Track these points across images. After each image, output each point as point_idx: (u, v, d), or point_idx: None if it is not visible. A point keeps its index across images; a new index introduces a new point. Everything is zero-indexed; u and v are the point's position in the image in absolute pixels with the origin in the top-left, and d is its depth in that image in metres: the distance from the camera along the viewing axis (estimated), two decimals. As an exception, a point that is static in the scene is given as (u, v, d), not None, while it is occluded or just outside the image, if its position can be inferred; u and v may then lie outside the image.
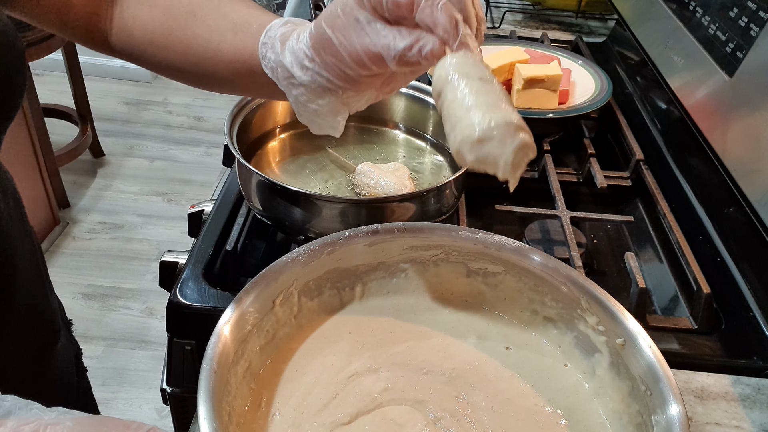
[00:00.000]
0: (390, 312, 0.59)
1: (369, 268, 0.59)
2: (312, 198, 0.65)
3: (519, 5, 1.49)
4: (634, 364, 0.49)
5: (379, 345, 0.56)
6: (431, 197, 0.68)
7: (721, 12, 0.80)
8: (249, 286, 0.51)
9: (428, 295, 0.60)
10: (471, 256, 0.58)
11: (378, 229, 0.57)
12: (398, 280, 0.60)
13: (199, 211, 0.85)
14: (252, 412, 0.49)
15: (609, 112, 1.03)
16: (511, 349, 0.57)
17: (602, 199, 0.90)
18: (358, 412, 0.50)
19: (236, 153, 0.69)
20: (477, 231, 0.58)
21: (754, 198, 0.68)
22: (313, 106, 0.49)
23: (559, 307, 0.56)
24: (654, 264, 0.82)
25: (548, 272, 0.55)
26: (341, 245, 0.56)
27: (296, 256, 0.54)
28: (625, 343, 0.50)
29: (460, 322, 0.59)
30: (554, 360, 0.56)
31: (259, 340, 0.52)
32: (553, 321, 0.57)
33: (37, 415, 0.37)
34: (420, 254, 0.59)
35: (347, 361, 0.54)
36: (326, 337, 0.56)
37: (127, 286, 2.06)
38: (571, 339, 0.56)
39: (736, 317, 0.70)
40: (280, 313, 0.54)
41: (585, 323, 0.54)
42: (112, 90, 3.06)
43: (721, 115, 0.77)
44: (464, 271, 0.59)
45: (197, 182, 2.55)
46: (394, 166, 0.77)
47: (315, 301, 0.57)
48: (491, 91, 0.43)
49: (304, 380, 0.52)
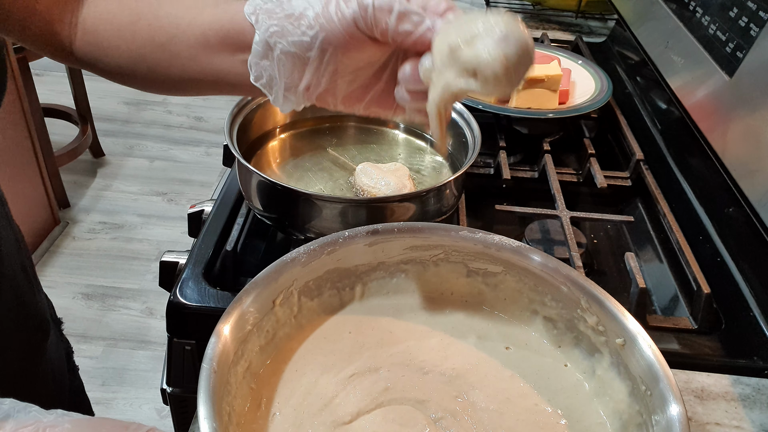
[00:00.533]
0: (390, 312, 0.59)
1: (369, 268, 0.58)
2: (312, 198, 0.65)
3: (519, 5, 1.49)
4: (634, 364, 0.49)
5: (379, 345, 0.56)
6: (431, 197, 0.68)
7: (721, 12, 0.80)
8: (249, 286, 0.51)
9: (428, 295, 0.60)
10: (471, 256, 0.58)
11: (378, 229, 0.57)
12: (398, 280, 0.60)
13: (199, 211, 0.85)
14: (252, 412, 0.49)
15: (609, 112, 1.03)
16: (511, 349, 0.57)
17: (602, 199, 0.90)
18: (359, 412, 0.50)
19: (236, 153, 0.69)
20: (477, 231, 0.58)
21: (754, 198, 0.68)
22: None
23: (559, 307, 0.56)
24: (654, 264, 0.82)
25: (548, 272, 0.55)
26: (341, 245, 0.56)
27: (296, 256, 0.54)
28: (625, 343, 0.50)
29: (460, 322, 0.59)
30: (554, 360, 0.56)
31: (259, 340, 0.52)
32: (553, 321, 0.57)
33: (36, 418, 0.37)
34: (420, 254, 0.59)
35: (347, 361, 0.54)
36: (326, 337, 0.56)
37: (127, 286, 2.06)
38: (571, 339, 0.56)
39: (736, 317, 0.70)
40: (280, 313, 0.54)
41: (585, 323, 0.54)
42: (112, 90, 3.06)
43: (721, 115, 0.77)
44: (464, 271, 0.59)
45: (197, 182, 2.55)
46: (394, 166, 0.77)
47: (315, 301, 0.57)
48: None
49: (305, 380, 0.52)
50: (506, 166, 0.88)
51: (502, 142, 0.93)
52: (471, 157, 0.71)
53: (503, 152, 0.91)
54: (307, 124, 0.87)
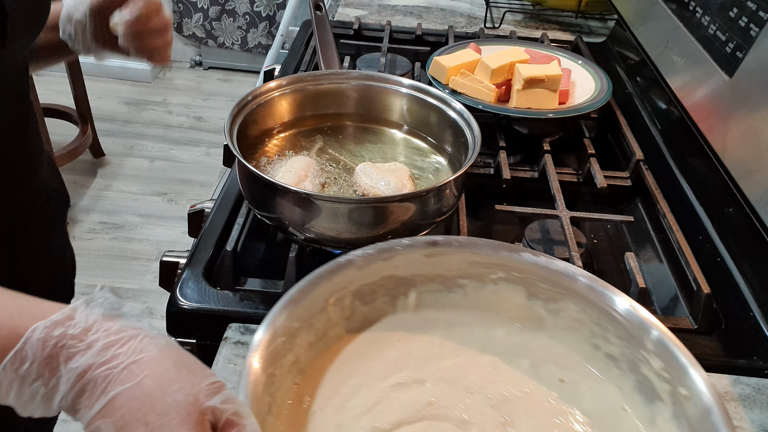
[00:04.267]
0: (443, 325, 0.57)
1: (425, 279, 0.57)
2: (312, 198, 0.65)
3: (519, 5, 1.49)
4: (698, 421, 0.45)
5: (428, 358, 0.54)
6: (431, 197, 0.68)
7: (721, 12, 0.80)
8: (303, 283, 0.51)
9: (484, 314, 0.58)
10: (533, 279, 0.56)
11: (438, 240, 0.56)
12: (455, 294, 0.58)
13: (199, 211, 0.85)
14: (293, 406, 0.49)
15: (609, 112, 1.03)
16: (566, 382, 0.53)
17: (602, 199, 0.90)
18: (400, 422, 0.49)
19: (236, 153, 0.69)
20: (540, 254, 0.55)
21: (754, 198, 0.68)
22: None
23: (623, 346, 0.52)
24: (654, 264, 0.82)
25: (613, 308, 0.52)
26: (399, 253, 0.55)
27: (352, 258, 0.54)
28: (690, 395, 0.46)
29: (514, 346, 0.56)
30: (612, 401, 0.52)
31: (308, 337, 0.51)
32: (614, 359, 0.53)
33: (142, 326, 0.41)
34: (480, 271, 0.57)
35: (394, 369, 0.53)
36: (375, 343, 0.55)
37: (127, 286, 2.06)
38: (632, 382, 0.51)
39: (736, 317, 0.70)
40: (332, 313, 0.53)
41: (648, 366, 0.50)
42: (112, 90, 3.06)
43: (721, 115, 0.77)
44: (524, 294, 0.57)
45: (197, 182, 2.55)
46: (394, 166, 0.77)
47: (368, 306, 0.56)
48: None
49: (349, 383, 0.51)
50: (506, 166, 0.88)
51: (502, 142, 0.93)
52: (471, 157, 0.71)
53: (503, 152, 0.91)
54: (307, 124, 0.86)
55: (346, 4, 1.47)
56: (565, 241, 0.75)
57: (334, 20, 1.38)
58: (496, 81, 0.94)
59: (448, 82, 0.96)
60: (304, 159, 0.77)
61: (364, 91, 0.87)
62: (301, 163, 0.75)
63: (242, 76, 3.28)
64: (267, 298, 0.69)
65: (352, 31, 1.30)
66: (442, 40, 1.28)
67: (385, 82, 0.86)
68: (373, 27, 1.33)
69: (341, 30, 1.30)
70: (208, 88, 3.19)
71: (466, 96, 0.94)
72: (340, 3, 1.48)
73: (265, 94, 0.81)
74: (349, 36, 1.29)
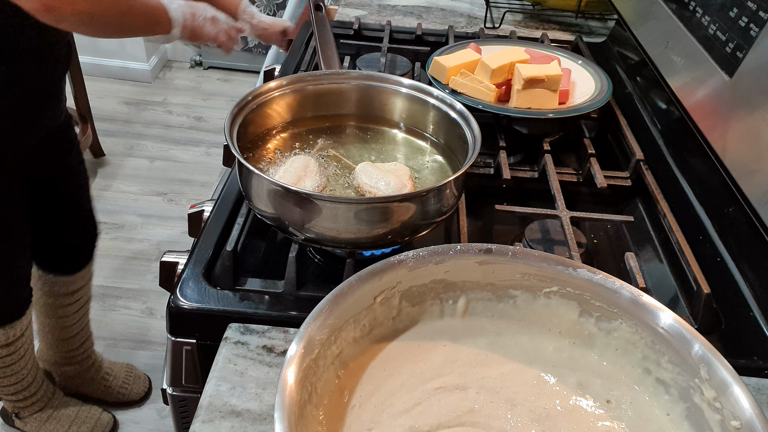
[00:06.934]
0: (490, 335, 0.57)
1: (476, 286, 0.57)
2: (312, 198, 0.65)
3: (519, 5, 1.49)
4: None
5: (473, 365, 0.54)
6: (431, 197, 0.68)
7: (721, 12, 0.80)
8: (353, 279, 0.51)
9: (533, 327, 0.58)
10: (587, 296, 0.55)
11: (491, 248, 0.56)
12: (505, 304, 0.58)
13: (199, 211, 0.85)
14: (333, 398, 0.49)
15: (609, 112, 1.03)
16: (612, 403, 0.52)
17: (602, 199, 0.90)
18: (438, 425, 0.49)
19: (236, 153, 0.69)
20: (597, 272, 0.55)
21: (754, 198, 0.68)
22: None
23: (675, 372, 0.51)
24: (654, 264, 0.82)
25: (669, 332, 0.51)
26: (451, 258, 0.55)
27: (404, 258, 0.54)
28: (741, 428, 0.45)
29: (562, 362, 0.55)
30: (659, 428, 0.51)
31: (354, 332, 0.52)
32: (665, 385, 0.52)
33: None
34: (532, 283, 0.56)
35: (437, 372, 0.53)
36: (420, 345, 0.55)
37: (127, 286, 2.06)
38: (682, 409, 0.50)
39: (736, 317, 0.70)
40: (379, 311, 0.54)
41: (701, 395, 0.48)
42: (112, 90, 3.06)
43: (721, 115, 0.77)
44: (577, 310, 0.56)
45: (197, 182, 2.55)
46: (394, 166, 0.77)
47: (415, 308, 0.56)
48: None
49: (391, 381, 0.51)
50: (506, 166, 0.88)
51: (502, 142, 0.93)
52: (471, 157, 0.71)
53: (503, 152, 0.91)
54: (307, 124, 0.87)
55: (346, 4, 1.47)
56: (565, 241, 0.75)
57: (334, 20, 1.38)
58: (496, 81, 0.94)
59: (448, 82, 0.96)
60: (304, 159, 0.77)
61: (364, 91, 0.87)
62: (301, 163, 0.75)
63: (242, 76, 3.28)
64: (267, 298, 0.69)
65: (352, 31, 1.30)
66: (442, 40, 1.28)
67: (385, 82, 0.86)
68: (373, 27, 1.33)
69: (341, 30, 1.30)
70: (208, 88, 3.19)
71: (466, 96, 0.94)
72: (341, 3, 1.48)
73: (265, 94, 0.81)
74: (349, 36, 1.29)
